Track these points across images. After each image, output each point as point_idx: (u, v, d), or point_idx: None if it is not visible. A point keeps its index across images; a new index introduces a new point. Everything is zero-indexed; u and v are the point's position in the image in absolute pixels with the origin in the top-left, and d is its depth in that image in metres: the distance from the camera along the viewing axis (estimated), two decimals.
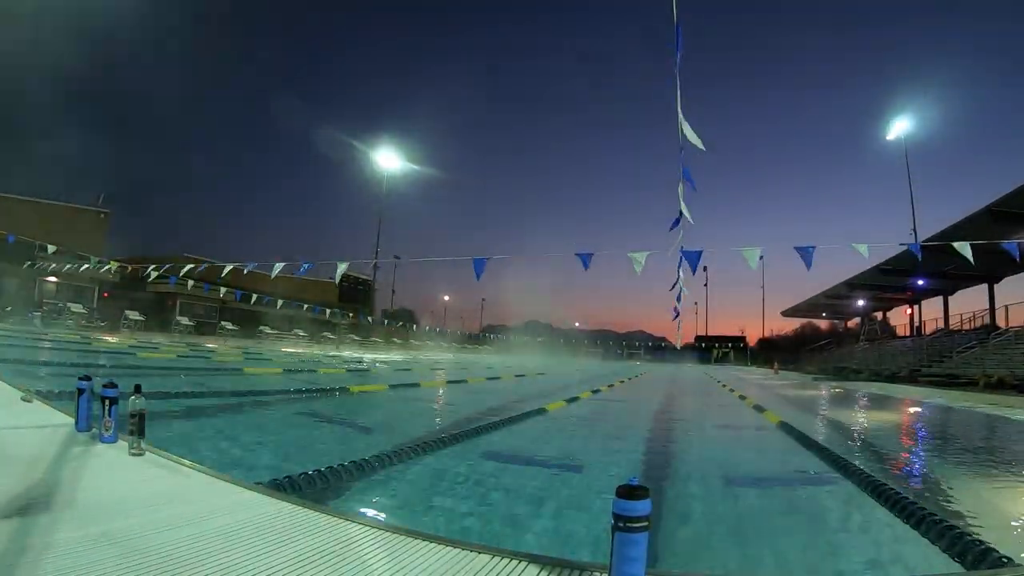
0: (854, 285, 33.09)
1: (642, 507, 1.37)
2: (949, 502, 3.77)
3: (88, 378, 3.15)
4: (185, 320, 33.80)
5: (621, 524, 1.38)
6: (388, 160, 41.10)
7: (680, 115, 4.23)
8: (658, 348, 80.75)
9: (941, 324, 32.02)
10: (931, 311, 34.21)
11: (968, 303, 32.27)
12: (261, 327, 36.44)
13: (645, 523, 1.38)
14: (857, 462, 4.66)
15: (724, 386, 18.82)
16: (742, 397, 13.44)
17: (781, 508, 3.56)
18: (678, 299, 8.51)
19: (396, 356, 30.89)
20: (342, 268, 7.66)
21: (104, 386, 2.92)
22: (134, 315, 29.67)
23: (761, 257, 5.94)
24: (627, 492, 1.38)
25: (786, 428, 7.21)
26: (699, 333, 74.14)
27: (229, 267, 9.63)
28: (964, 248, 5.64)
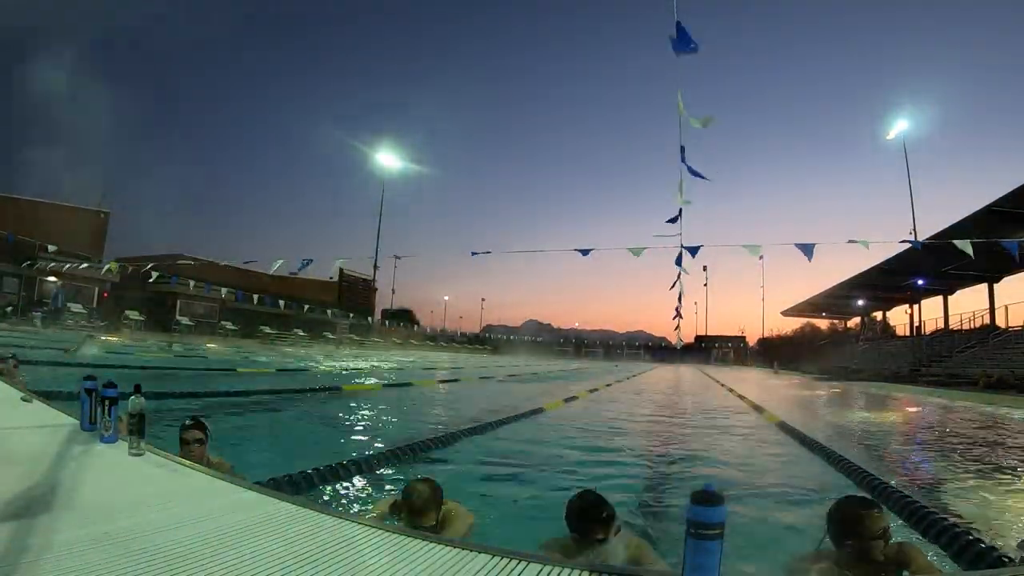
0: (854, 285, 33.08)
1: (717, 514, 1.34)
2: (949, 501, 3.77)
3: (93, 378, 3.14)
4: (185, 320, 33.79)
5: (694, 531, 1.35)
6: (389, 159, 41.18)
7: (680, 106, 4.22)
8: (659, 348, 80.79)
9: (941, 324, 32.00)
10: (931, 311, 34.21)
11: (968, 303, 32.22)
12: (261, 327, 36.43)
13: (719, 531, 1.34)
14: (856, 461, 4.66)
15: (722, 385, 18.82)
16: (741, 397, 13.44)
17: (778, 508, 3.56)
18: (679, 298, 8.46)
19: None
20: (339, 263, 7.66)
21: (104, 386, 2.91)
22: (134, 315, 29.67)
23: (761, 257, 5.94)
24: (702, 498, 1.35)
25: (785, 428, 7.23)
26: (699, 333, 74.15)
27: (225, 262, 9.59)
28: (965, 245, 5.64)
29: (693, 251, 5.61)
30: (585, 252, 6.32)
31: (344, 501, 3.49)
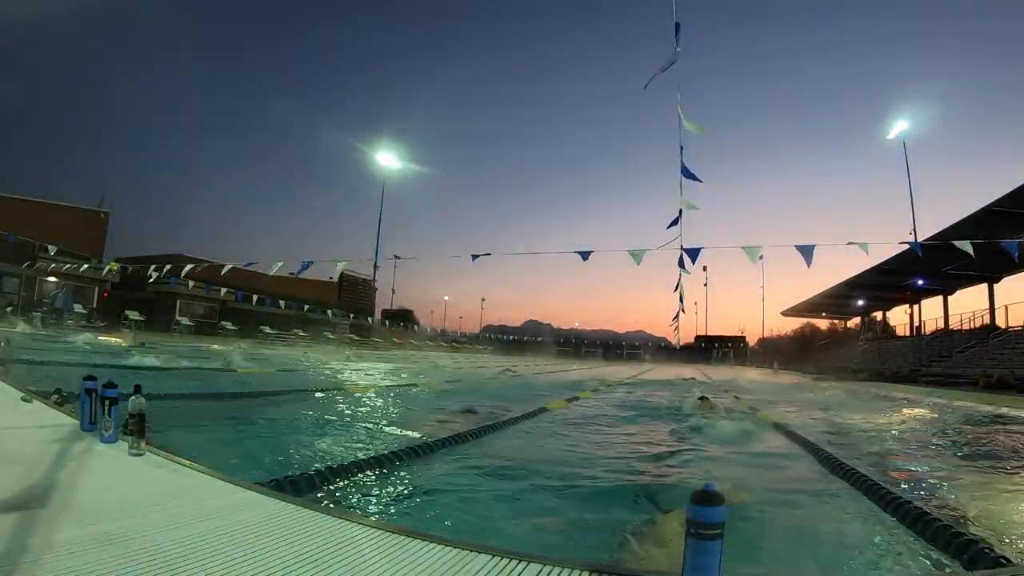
0: (854, 285, 33.07)
1: (717, 514, 1.36)
2: (947, 502, 3.77)
3: (93, 378, 3.14)
4: (185, 320, 33.80)
5: (694, 531, 1.37)
6: (388, 159, 41.20)
7: (678, 109, 4.24)
8: (659, 348, 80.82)
9: (941, 324, 32.01)
10: (931, 311, 34.19)
11: (968, 303, 32.25)
12: (261, 327, 36.43)
13: (719, 530, 1.36)
14: (854, 463, 4.66)
15: (721, 387, 18.83)
16: (737, 397, 13.44)
17: (779, 508, 3.55)
18: (680, 299, 8.47)
19: None
20: (340, 267, 7.67)
21: (104, 386, 2.91)
22: (134, 315, 29.67)
23: (761, 257, 5.94)
24: (702, 498, 1.37)
25: (781, 429, 7.23)
26: (699, 333, 74.15)
27: (228, 266, 9.60)
28: (965, 245, 5.65)
29: (693, 256, 5.61)
30: (585, 257, 6.31)
31: (345, 501, 3.49)
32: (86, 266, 16.86)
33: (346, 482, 3.41)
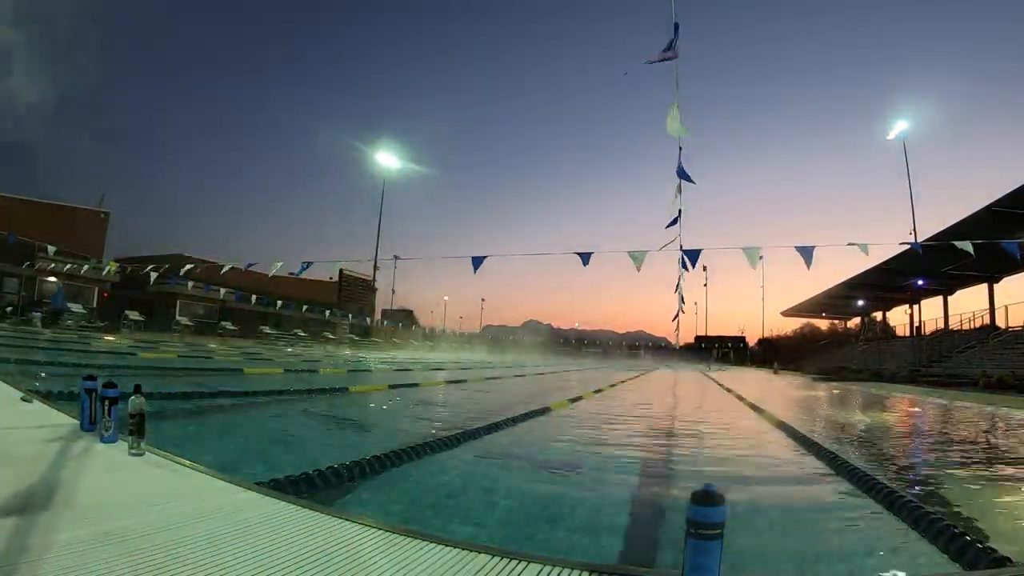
0: (854, 285, 33.09)
1: (717, 514, 1.36)
2: (948, 501, 3.77)
3: (93, 378, 3.15)
4: (185, 320, 33.78)
5: (694, 531, 1.37)
6: (388, 159, 41.24)
7: (675, 110, 4.25)
8: (658, 348, 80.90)
9: (941, 324, 32.01)
10: (931, 311, 34.22)
11: (968, 303, 32.35)
12: (262, 327, 36.43)
13: (719, 530, 1.37)
14: (855, 461, 4.66)
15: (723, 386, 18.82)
16: (740, 398, 13.45)
17: (779, 507, 3.55)
18: (681, 299, 8.48)
19: None
20: (338, 266, 7.66)
21: (104, 386, 2.92)
22: (134, 315, 29.66)
23: (761, 257, 5.95)
24: (702, 498, 1.37)
25: (784, 428, 7.23)
26: (699, 333, 74.19)
27: (228, 267, 9.60)
28: (966, 246, 5.66)
29: (693, 258, 5.63)
30: (586, 260, 6.31)
31: (345, 501, 3.48)
32: (86, 266, 16.87)
33: None
